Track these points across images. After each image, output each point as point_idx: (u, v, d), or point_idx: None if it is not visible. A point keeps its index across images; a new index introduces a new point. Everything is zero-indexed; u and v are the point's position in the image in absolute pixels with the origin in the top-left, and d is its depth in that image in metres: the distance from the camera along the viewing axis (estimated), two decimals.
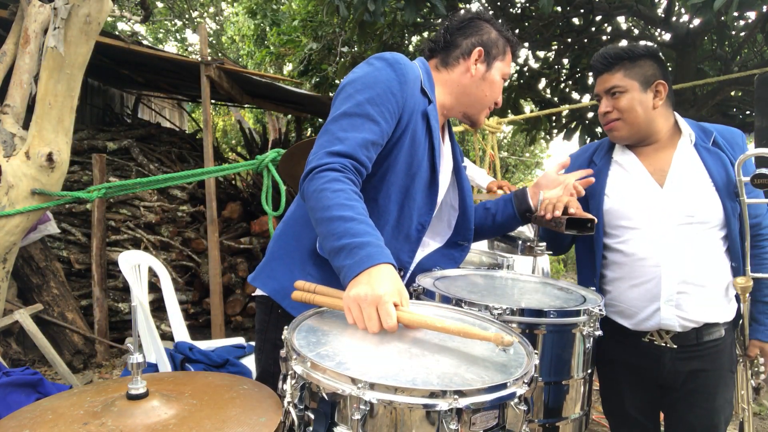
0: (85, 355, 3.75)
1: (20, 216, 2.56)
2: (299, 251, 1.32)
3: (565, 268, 9.59)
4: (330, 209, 1.11)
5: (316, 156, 1.19)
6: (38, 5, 2.87)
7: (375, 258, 1.05)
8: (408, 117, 1.29)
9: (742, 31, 4.26)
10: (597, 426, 3.27)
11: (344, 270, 1.07)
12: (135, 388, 0.86)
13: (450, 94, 1.45)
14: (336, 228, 1.09)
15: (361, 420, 0.80)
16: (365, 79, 1.26)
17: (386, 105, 1.25)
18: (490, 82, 1.44)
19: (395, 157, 1.30)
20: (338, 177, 1.15)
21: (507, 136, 10.58)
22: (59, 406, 0.89)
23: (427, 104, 1.36)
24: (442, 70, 1.46)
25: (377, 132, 1.23)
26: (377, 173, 1.30)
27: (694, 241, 1.52)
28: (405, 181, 1.32)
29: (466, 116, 1.50)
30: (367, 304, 1.01)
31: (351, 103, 1.23)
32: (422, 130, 1.33)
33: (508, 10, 4.49)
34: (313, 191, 1.14)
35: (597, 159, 1.72)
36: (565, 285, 1.68)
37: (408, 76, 1.29)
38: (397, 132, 1.29)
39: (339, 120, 1.23)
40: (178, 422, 0.83)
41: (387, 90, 1.25)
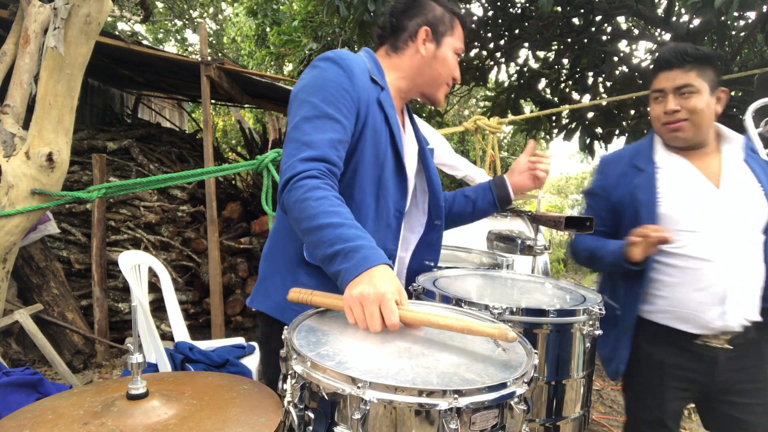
0: (85, 355, 3.75)
1: (20, 216, 2.56)
2: (287, 264, 1.33)
3: (565, 268, 9.59)
4: (317, 218, 1.11)
5: (289, 166, 1.18)
6: (38, 5, 2.86)
7: (372, 260, 1.07)
8: (365, 109, 1.30)
9: (742, 31, 4.26)
10: (597, 426, 3.28)
11: (342, 273, 1.08)
12: (135, 388, 0.86)
13: (404, 78, 1.45)
14: (327, 235, 1.09)
15: (361, 419, 0.80)
16: (315, 82, 1.27)
17: (342, 101, 1.25)
18: (442, 59, 1.43)
19: (361, 151, 1.31)
20: (318, 184, 1.15)
21: (507, 136, 10.58)
22: (59, 406, 0.89)
23: (380, 91, 1.36)
24: (392, 55, 1.46)
25: (340, 129, 1.24)
26: (348, 170, 1.31)
27: (747, 243, 1.53)
28: (375, 171, 1.33)
29: (425, 96, 1.50)
30: (370, 302, 1.01)
31: (307, 108, 1.24)
32: (380, 118, 1.34)
33: (508, 10, 4.49)
34: (294, 202, 1.14)
35: (641, 164, 1.67)
36: (564, 284, 1.68)
37: (354, 69, 1.30)
38: (357, 126, 1.30)
39: (300, 126, 1.23)
40: (178, 422, 0.83)
41: (338, 87, 1.25)
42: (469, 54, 5.01)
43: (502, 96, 5.20)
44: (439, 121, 6.19)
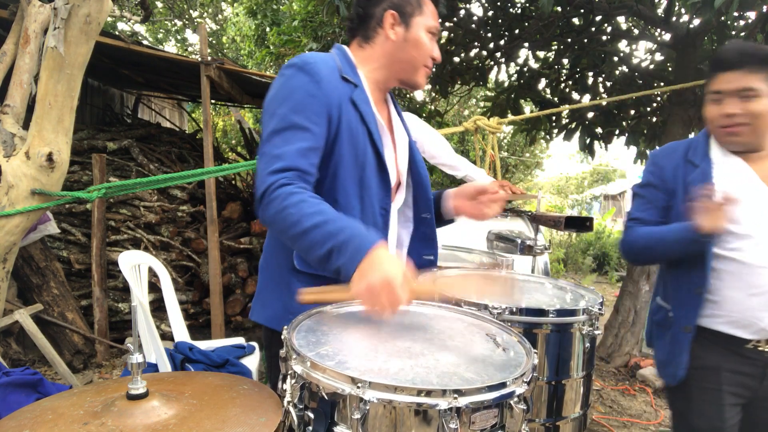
0: (85, 355, 3.75)
1: (20, 216, 2.56)
2: (281, 274, 1.33)
3: (565, 268, 9.59)
4: (300, 223, 1.12)
5: (261, 181, 1.18)
6: (38, 5, 2.86)
7: (365, 246, 1.08)
8: (337, 111, 1.27)
9: (742, 31, 4.25)
10: (597, 426, 3.28)
11: (343, 269, 1.09)
12: (135, 388, 0.86)
13: (379, 68, 1.40)
14: (315, 237, 1.11)
15: (361, 419, 0.80)
16: (281, 92, 1.26)
17: (310, 108, 1.23)
18: (414, 41, 1.37)
19: (339, 154, 1.29)
20: (292, 190, 1.15)
21: (507, 136, 10.58)
22: (59, 406, 0.89)
23: (353, 90, 1.32)
24: (365, 46, 1.41)
25: (310, 138, 1.22)
26: (328, 174, 1.29)
27: None
28: (356, 172, 1.31)
29: (404, 83, 1.45)
30: (380, 289, 1.03)
31: (276, 120, 1.23)
32: (355, 117, 1.31)
33: (508, 10, 4.49)
34: (274, 214, 1.15)
35: (695, 159, 1.62)
36: (564, 284, 1.68)
37: (321, 72, 1.27)
38: (331, 130, 1.27)
39: (270, 139, 1.22)
40: (178, 422, 0.83)
41: (305, 94, 1.24)
42: (469, 54, 5.01)
43: (502, 96, 5.20)
44: (439, 121, 6.19)
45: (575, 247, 10.36)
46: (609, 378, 4.09)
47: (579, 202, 19.97)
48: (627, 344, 4.32)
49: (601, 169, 27.28)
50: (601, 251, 10.39)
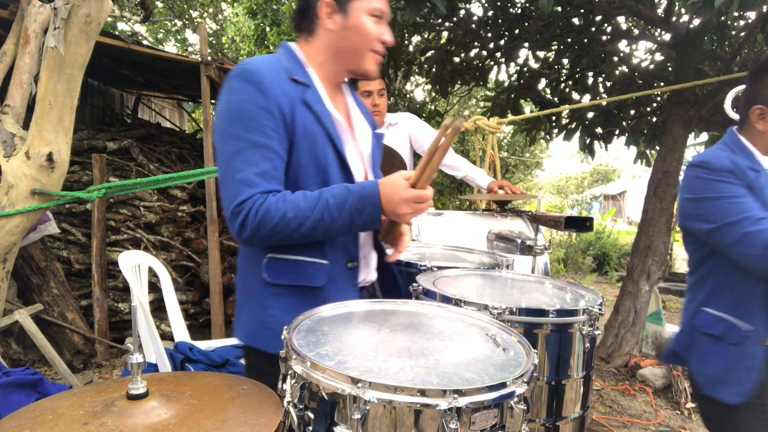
0: (85, 355, 3.75)
1: (20, 216, 2.55)
2: (253, 290, 1.31)
3: (565, 268, 9.59)
4: (307, 219, 1.18)
5: (234, 209, 1.17)
6: (38, 5, 2.86)
7: (372, 193, 1.20)
8: (290, 116, 1.23)
9: (742, 31, 4.25)
10: (597, 426, 3.28)
11: (369, 221, 1.22)
12: (135, 388, 0.86)
13: (327, 61, 1.34)
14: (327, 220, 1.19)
15: (361, 419, 0.80)
16: (230, 108, 1.21)
17: (263, 122, 1.19)
18: (355, 27, 1.29)
19: (298, 161, 1.26)
20: (273, 201, 1.17)
21: (507, 136, 10.58)
22: (59, 406, 0.89)
23: (304, 91, 1.27)
24: (310, 40, 1.34)
25: (272, 156, 1.20)
26: (288, 183, 1.27)
27: None
28: (318, 177, 1.28)
29: (354, 73, 1.38)
30: (405, 209, 1.21)
31: (232, 141, 1.19)
32: (310, 119, 1.26)
33: (508, 10, 4.49)
34: (270, 231, 1.17)
35: (755, 165, 1.56)
36: (564, 284, 1.68)
37: (267, 79, 1.22)
38: (287, 137, 1.24)
39: (231, 163, 1.19)
40: (178, 422, 0.83)
41: (254, 107, 1.19)
42: (469, 54, 5.00)
43: (502, 96, 5.20)
44: (439, 121, 6.18)
45: (575, 247, 10.37)
46: (609, 378, 4.09)
47: (579, 202, 19.97)
48: (627, 344, 4.32)
49: (601, 169, 27.28)
50: (601, 251, 10.39)
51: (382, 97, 2.80)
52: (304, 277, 1.27)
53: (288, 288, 1.27)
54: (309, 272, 1.27)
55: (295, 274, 1.27)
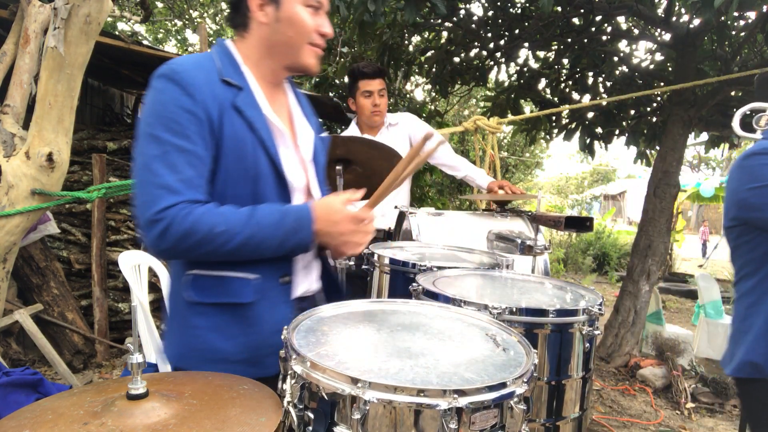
0: (85, 355, 3.75)
1: (20, 216, 2.55)
2: (177, 309, 1.25)
3: (565, 268, 9.59)
4: (236, 235, 1.11)
5: (152, 217, 1.09)
6: (38, 5, 2.86)
7: (306, 216, 1.17)
8: (218, 121, 1.15)
9: (742, 31, 4.25)
10: (597, 426, 3.28)
11: (301, 244, 1.19)
12: (135, 388, 0.86)
13: (262, 58, 1.25)
14: (258, 238, 1.14)
15: (361, 419, 0.80)
16: (154, 109, 1.13)
17: (188, 126, 1.12)
18: (288, 19, 1.20)
19: (226, 170, 1.17)
20: (200, 213, 1.10)
21: (507, 136, 10.58)
22: (59, 406, 0.89)
23: (236, 94, 1.19)
24: (246, 36, 1.25)
25: (195, 162, 1.12)
26: (215, 193, 1.18)
27: None
28: (248, 187, 1.19)
29: (292, 69, 1.29)
30: (348, 228, 1.19)
31: (154, 144, 1.11)
32: (241, 125, 1.17)
33: (508, 10, 4.49)
34: (194, 244, 1.10)
35: None
36: (564, 284, 1.68)
37: (196, 81, 1.13)
38: (213, 143, 1.16)
39: (151, 166, 1.11)
40: (178, 422, 0.83)
41: (179, 110, 1.11)
42: (469, 54, 5.00)
43: (502, 96, 5.20)
44: (439, 121, 6.18)
45: (575, 247, 10.37)
46: (609, 378, 4.09)
47: (579, 202, 19.98)
48: (627, 344, 4.32)
49: (601, 169, 27.28)
50: (601, 251, 10.40)
51: (383, 97, 2.80)
52: (229, 293, 1.19)
53: (213, 306, 1.19)
54: (235, 288, 1.18)
55: (220, 291, 1.18)
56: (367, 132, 2.87)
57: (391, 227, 2.83)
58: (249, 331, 1.19)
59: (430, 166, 5.55)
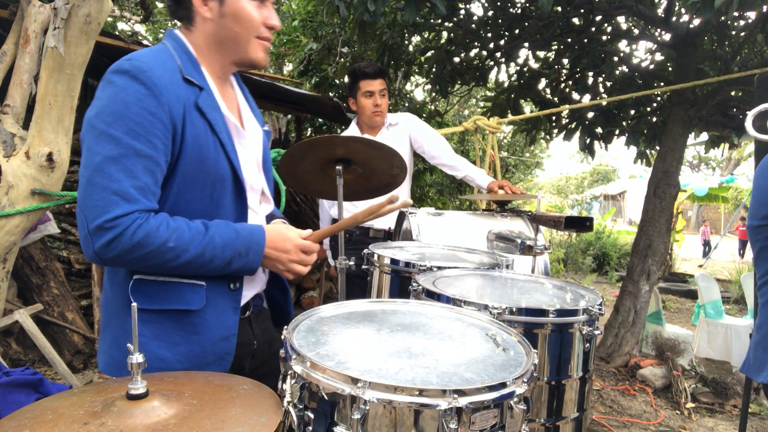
0: (85, 355, 3.75)
1: (20, 216, 2.56)
2: (117, 315, 1.19)
3: (565, 268, 9.59)
4: (187, 251, 1.09)
5: (102, 224, 1.03)
6: (38, 5, 2.86)
7: (259, 239, 1.19)
8: (180, 123, 1.10)
9: (742, 31, 4.26)
10: (597, 426, 3.28)
11: (248, 265, 1.19)
12: (135, 388, 0.86)
13: (211, 54, 1.21)
14: (208, 256, 1.13)
15: (361, 419, 0.80)
16: (113, 107, 1.06)
17: (150, 130, 1.06)
18: (233, 14, 1.16)
19: (183, 173, 1.13)
20: (154, 226, 1.06)
21: (507, 136, 10.58)
22: (59, 406, 0.89)
23: (198, 93, 1.14)
24: (192, 29, 1.21)
25: (152, 167, 1.07)
26: (169, 196, 1.14)
27: None
28: (205, 192, 1.16)
29: (240, 64, 1.26)
30: (297, 257, 1.24)
31: (111, 144, 1.04)
32: (203, 127, 1.14)
33: (508, 10, 4.49)
34: (144, 255, 1.06)
35: None
36: (564, 284, 1.68)
37: (161, 80, 1.09)
38: (175, 147, 1.11)
39: (106, 169, 1.04)
40: (178, 422, 0.83)
41: (143, 111, 1.05)
42: (469, 54, 5.01)
43: (502, 96, 5.20)
44: (439, 121, 6.19)
45: (575, 247, 10.37)
46: (609, 378, 4.09)
47: (579, 202, 19.99)
48: (627, 344, 4.32)
49: (601, 169, 27.28)
50: (601, 251, 10.40)
51: (384, 97, 2.80)
52: (178, 300, 1.15)
53: (158, 313, 1.14)
54: (185, 295, 1.15)
55: (168, 297, 1.14)
56: (367, 132, 2.87)
57: (391, 227, 2.83)
58: (192, 339, 1.16)
59: (430, 166, 5.55)
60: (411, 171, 3.06)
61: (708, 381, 3.84)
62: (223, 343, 1.19)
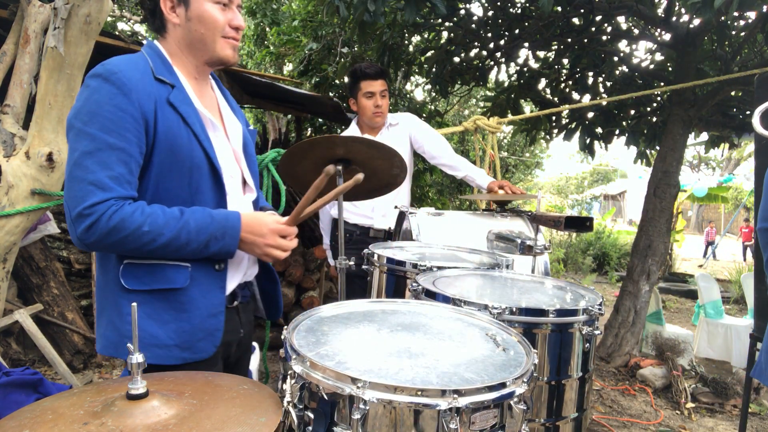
0: (85, 355, 3.75)
1: (20, 216, 2.56)
2: (110, 297, 1.27)
3: (565, 268, 9.59)
4: (162, 235, 1.17)
5: (81, 211, 1.13)
6: (38, 5, 2.86)
7: (235, 224, 1.24)
8: (152, 118, 1.20)
9: (742, 31, 4.25)
10: (597, 426, 3.28)
11: (224, 249, 1.24)
12: (135, 388, 0.86)
13: (184, 57, 1.32)
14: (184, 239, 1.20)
15: (361, 419, 0.80)
16: (88, 107, 1.17)
17: (122, 124, 1.16)
18: (198, 17, 1.27)
19: (159, 163, 1.22)
20: (129, 211, 1.15)
21: (507, 136, 10.58)
22: (59, 406, 0.89)
23: (170, 91, 1.25)
24: (166, 37, 1.32)
25: (128, 160, 1.17)
26: (149, 186, 1.24)
27: None
28: (183, 179, 1.25)
29: (211, 64, 1.35)
30: (273, 241, 1.28)
31: (87, 140, 1.15)
32: (175, 120, 1.23)
33: (508, 10, 4.49)
34: (121, 239, 1.15)
35: None
36: (564, 284, 1.68)
37: (131, 80, 1.19)
38: (148, 140, 1.21)
39: (83, 163, 1.15)
40: (178, 422, 0.83)
41: (114, 109, 1.16)
42: (469, 54, 5.01)
43: (502, 96, 5.20)
44: (439, 121, 6.18)
45: (575, 247, 10.37)
46: (609, 378, 4.09)
47: (579, 202, 19.99)
48: (627, 344, 4.32)
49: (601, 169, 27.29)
50: (601, 251, 10.40)
51: (384, 98, 2.80)
52: (164, 279, 1.23)
53: (147, 293, 1.23)
54: (170, 274, 1.24)
55: (155, 278, 1.23)
56: (367, 132, 2.87)
57: (391, 227, 2.83)
58: (182, 317, 1.24)
59: (430, 166, 5.55)
60: (411, 171, 3.06)
61: (708, 381, 3.84)
62: (212, 320, 1.27)
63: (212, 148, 1.29)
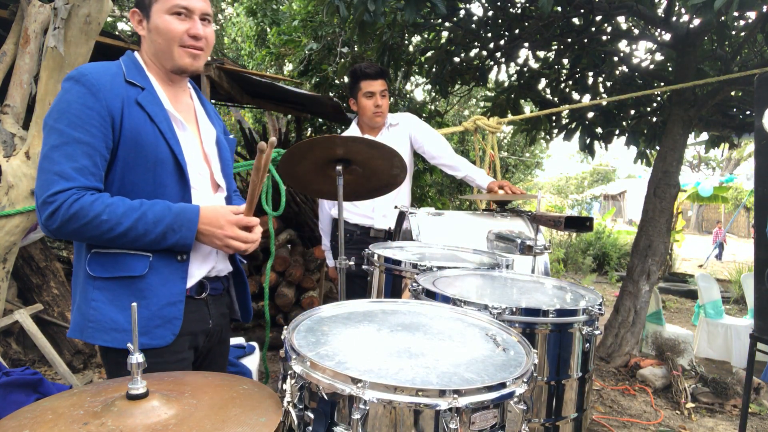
0: (85, 355, 3.75)
1: (20, 216, 2.56)
2: (79, 285, 1.35)
3: (565, 268, 9.59)
4: (120, 224, 1.24)
5: (46, 199, 1.22)
6: (38, 5, 2.86)
7: (192, 216, 1.30)
8: (118, 115, 1.29)
9: (742, 31, 4.25)
10: (597, 426, 3.28)
11: (181, 241, 1.29)
12: (135, 388, 0.86)
13: (154, 65, 1.43)
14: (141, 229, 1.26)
15: (361, 419, 0.80)
16: (59, 106, 1.27)
17: (88, 121, 1.25)
18: (156, 29, 1.38)
19: (124, 158, 1.31)
20: (89, 200, 1.22)
21: (507, 136, 10.58)
22: (59, 406, 0.89)
23: (139, 92, 1.35)
24: (141, 46, 1.45)
25: (92, 152, 1.26)
26: (114, 179, 1.32)
27: None
28: (147, 174, 1.32)
29: (173, 70, 1.43)
30: (232, 232, 1.34)
31: (55, 135, 1.25)
32: (142, 118, 1.32)
33: (508, 10, 4.49)
34: (80, 227, 1.22)
35: None
36: (564, 284, 1.68)
37: (100, 81, 1.28)
38: (114, 136, 1.30)
39: (50, 155, 1.24)
40: (178, 422, 0.83)
41: (82, 107, 1.25)
42: (469, 54, 5.00)
43: (502, 96, 5.20)
44: (439, 121, 6.18)
45: (575, 247, 10.37)
46: (609, 378, 4.09)
47: (579, 202, 19.98)
48: (627, 344, 4.32)
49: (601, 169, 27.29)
50: (601, 251, 10.40)
51: (384, 98, 2.80)
52: (125, 267, 1.31)
53: (110, 280, 1.31)
54: (130, 263, 1.31)
55: (117, 266, 1.31)
56: (367, 132, 2.87)
57: (391, 227, 2.83)
58: (141, 303, 1.30)
59: (430, 166, 5.55)
60: (411, 171, 3.06)
61: (708, 381, 3.84)
62: (171, 308, 1.33)
63: (178, 145, 1.36)
